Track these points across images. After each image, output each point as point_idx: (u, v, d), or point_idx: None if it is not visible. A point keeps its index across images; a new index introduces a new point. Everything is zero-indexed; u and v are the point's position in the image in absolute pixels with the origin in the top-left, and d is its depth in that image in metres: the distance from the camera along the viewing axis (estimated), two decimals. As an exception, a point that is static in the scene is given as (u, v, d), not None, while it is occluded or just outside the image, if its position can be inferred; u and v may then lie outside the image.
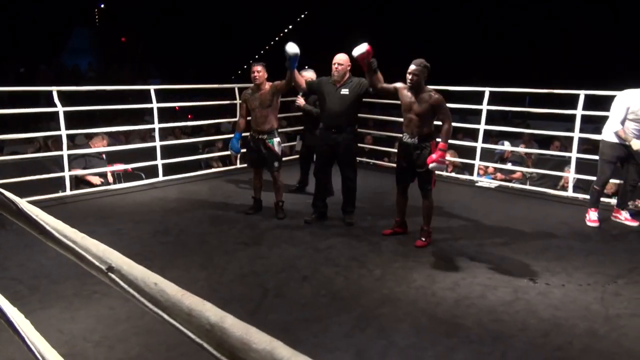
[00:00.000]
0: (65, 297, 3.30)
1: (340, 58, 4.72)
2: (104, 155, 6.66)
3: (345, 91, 4.69)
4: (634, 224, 5.04)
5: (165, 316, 0.70)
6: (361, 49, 4.21)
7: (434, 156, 4.08)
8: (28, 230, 1.01)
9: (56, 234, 0.92)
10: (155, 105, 6.41)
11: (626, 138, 4.84)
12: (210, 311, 0.66)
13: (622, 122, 4.83)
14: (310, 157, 5.97)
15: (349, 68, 4.74)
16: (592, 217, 5.04)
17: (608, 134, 4.95)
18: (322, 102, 4.82)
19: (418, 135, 4.24)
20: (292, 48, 4.59)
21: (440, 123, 4.22)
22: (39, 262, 3.87)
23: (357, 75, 4.77)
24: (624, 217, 5.14)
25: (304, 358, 0.57)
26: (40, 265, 3.81)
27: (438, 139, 4.22)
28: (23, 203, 1.03)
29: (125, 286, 0.79)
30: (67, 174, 5.74)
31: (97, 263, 0.85)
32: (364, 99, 4.90)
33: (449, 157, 7.21)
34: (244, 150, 5.93)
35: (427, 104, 4.14)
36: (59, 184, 5.86)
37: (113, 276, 0.81)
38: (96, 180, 6.39)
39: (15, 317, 1.02)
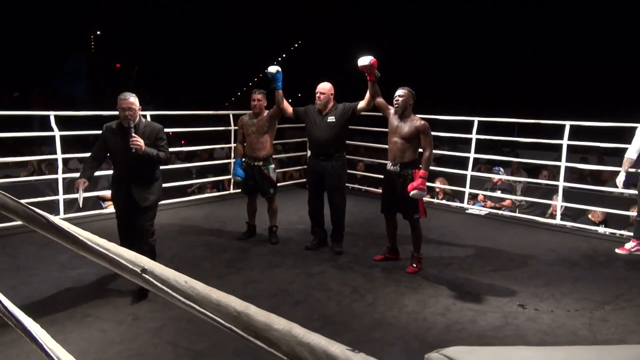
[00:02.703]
0: (58, 320, 3.30)
1: (323, 87, 4.79)
2: None
3: (331, 118, 4.75)
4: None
5: (197, 307, 0.80)
6: (365, 60, 4.29)
7: (414, 183, 4.14)
8: (60, 242, 1.07)
9: (90, 244, 0.99)
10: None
11: (623, 167, 5.01)
12: (235, 302, 0.78)
13: (636, 152, 4.92)
14: None
15: (332, 96, 4.80)
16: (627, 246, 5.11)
17: None
18: (310, 130, 4.88)
19: (400, 162, 4.29)
20: (270, 68, 4.79)
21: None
22: (31, 285, 3.87)
23: (341, 101, 4.85)
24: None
25: (316, 335, 0.65)
26: (32, 288, 3.81)
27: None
28: (52, 217, 1.10)
29: (159, 285, 0.86)
30: (61, 197, 5.76)
31: (131, 267, 0.92)
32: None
33: (439, 185, 7.33)
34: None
35: (413, 127, 4.21)
36: (52, 207, 5.88)
37: (147, 277, 0.88)
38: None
39: (32, 327, 1.07)
